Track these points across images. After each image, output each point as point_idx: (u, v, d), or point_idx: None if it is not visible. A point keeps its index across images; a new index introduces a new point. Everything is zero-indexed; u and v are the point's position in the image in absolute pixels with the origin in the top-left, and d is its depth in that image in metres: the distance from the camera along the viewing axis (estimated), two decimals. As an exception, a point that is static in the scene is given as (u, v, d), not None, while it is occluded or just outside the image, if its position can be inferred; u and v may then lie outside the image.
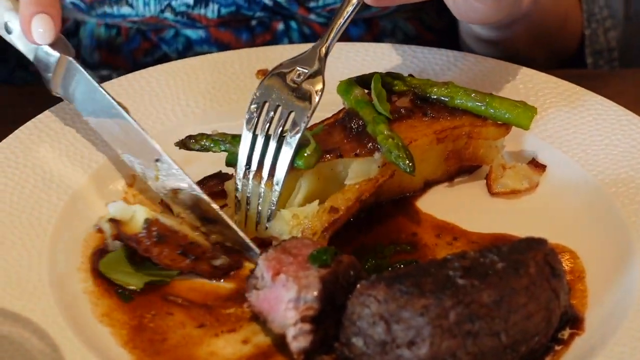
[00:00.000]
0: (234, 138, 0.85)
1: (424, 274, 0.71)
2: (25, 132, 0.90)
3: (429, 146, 0.86)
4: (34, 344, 0.72)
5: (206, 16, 1.19)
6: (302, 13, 1.19)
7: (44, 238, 0.82)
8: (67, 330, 0.73)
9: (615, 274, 0.79)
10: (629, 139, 0.91)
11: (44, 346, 0.72)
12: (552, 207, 0.87)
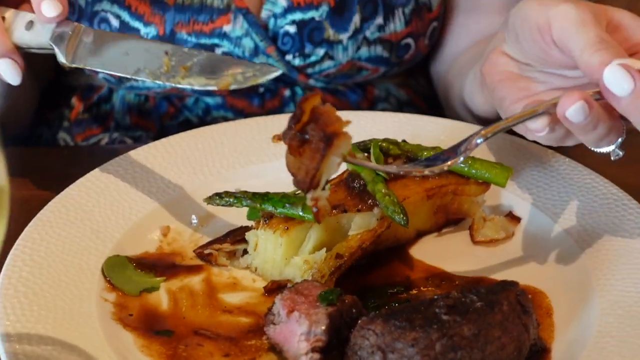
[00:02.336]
0: (254, 195, 0.88)
1: (415, 311, 0.75)
2: (74, 189, 0.93)
3: (420, 202, 0.91)
4: None
5: None
6: (303, 79, 1.21)
7: (92, 280, 0.85)
8: (114, 357, 0.75)
9: (578, 312, 0.82)
10: (592, 195, 0.95)
11: None
12: (525, 254, 0.91)
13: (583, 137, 0.84)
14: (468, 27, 1.26)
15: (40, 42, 0.92)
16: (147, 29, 1.15)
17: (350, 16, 1.19)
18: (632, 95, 0.77)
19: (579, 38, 0.80)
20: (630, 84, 0.77)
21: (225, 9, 1.16)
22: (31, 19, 0.92)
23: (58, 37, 0.92)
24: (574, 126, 0.81)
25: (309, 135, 0.78)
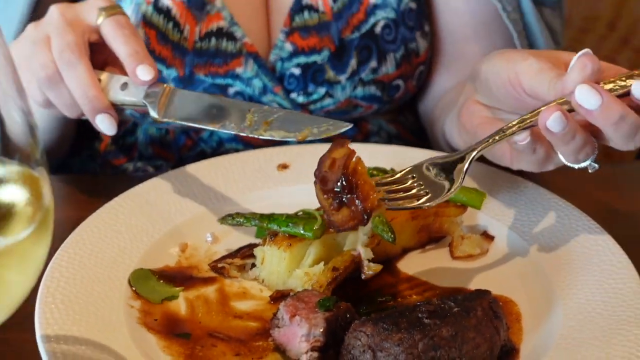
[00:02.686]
0: (261, 216, 0.90)
1: (400, 315, 0.76)
2: (104, 211, 0.95)
3: (405, 222, 0.92)
4: None
5: None
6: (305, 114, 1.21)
7: (120, 289, 0.86)
8: (140, 356, 0.77)
9: (543, 318, 0.83)
10: (555, 215, 0.96)
11: None
12: (497, 268, 0.92)
13: (564, 149, 0.84)
14: (451, 72, 1.27)
15: (134, 100, 0.95)
16: (168, 70, 1.17)
17: (348, 60, 1.20)
18: (603, 108, 0.79)
19: (545, 83, 0.83)
20: (599, 98, 0.78)
21: (237, 53, 1.17)
22: (125, 81, 0.95)
23: (149, 96, 0.94)
24: (555, 137, 0.82)
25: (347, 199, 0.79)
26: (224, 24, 1.17)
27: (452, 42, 1.27)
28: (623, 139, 0.81)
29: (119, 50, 0.95)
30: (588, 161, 0.85)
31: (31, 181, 0.62)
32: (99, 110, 0.93)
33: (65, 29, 0.93)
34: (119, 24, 0.95)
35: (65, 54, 0.91)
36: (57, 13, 0.95)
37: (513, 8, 1.18)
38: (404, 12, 1.21)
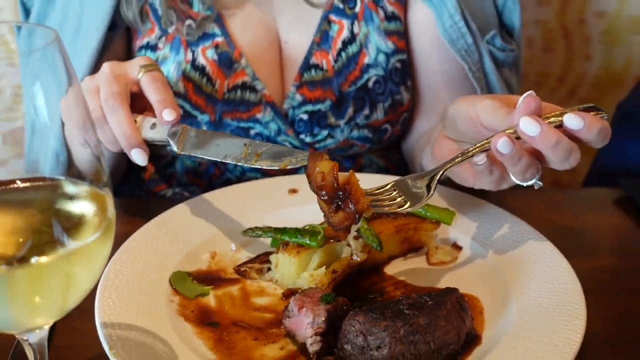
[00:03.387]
0: (275, 229, 0.91)
1: (386, 307, 0.77)
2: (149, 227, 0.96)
3: (391, 235, 0.93)
4: (160, 347, 0.77)
5: None
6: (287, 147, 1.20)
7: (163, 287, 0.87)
8: (178, 340, 0.78)
9: (501, 311, 0.84)
10: (509, 229, 0.97)
11: (165, 348, 0.77)
12: (464, 271, 0.93)
13: (513, 169, 0.83)
14: (428, 118, 1.28)
15: (160, 137, 0.96)
16: (202, 116, 1.17)
17: (346, 109, 1.21)
18: (542, 135, 0.79)
19: (499, 118, 0.84)
20: (538, 127, 0.78)
21: (258, 102, 1.18)
22: (154, 122, 0.96)
23: (172, 134, 0.95)
24: (505, 158, 0.81)
25: (342, 204, 0.79)
26: (248, 79, 1.17)
27: (429, 94, 1.27)
28: (560, 160, 0.81)
29: (151, 98, 0.96)
30: (534, 180, 0.84)
31: (98, 198, 0.62)
32: (133, 146, 0.93)
33: (112, 81, 0.94)
34: (153, 78, 0.96)
35: (110, 101, 0.92)
36: (107, 69, 0.96)
37: (477, 68, 1.19)
38: (391, 71, 1.21)
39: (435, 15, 1.17)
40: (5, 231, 0.60)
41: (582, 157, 0.84)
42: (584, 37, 1.70)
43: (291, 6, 1.19)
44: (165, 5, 1.15)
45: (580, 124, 0.79)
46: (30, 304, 0.60)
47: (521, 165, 0.81)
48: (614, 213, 1.07)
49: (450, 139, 0.94)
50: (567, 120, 0.80)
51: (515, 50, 1.26)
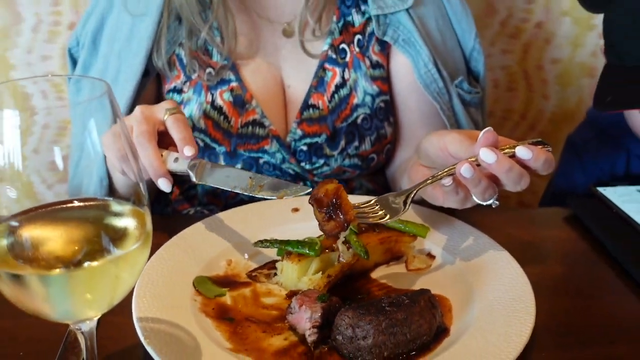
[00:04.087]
0: (281, 241, 0.92)
1: (371, 305, 0.79)
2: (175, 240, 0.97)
3: (376, 246, 0.94)
4: (185, 337, 0.78)
5: None
6: (310, 177, 1.24)
7: (187, 289, 0.88)
8: (201, 332, 0.79)
9: (465, 309, 0.85)
10: (474, 241, 0.98)
11: (190, 338, 0.78)
12: (436, 276, 0.93)
13: (474, 190, 0.84)
14: (407, 149, 1.30)
15: (182, 169, 0.98)
16: (220, 147, 1.19)
17: (339, 141, 1.23)
18: (497, 162, 0.81)
19: (463, 148, 0.86)
20: (494, 156, 0.81)
21: (265, 136, 1.18)
22: (177, 156, 0.98)
23: (191, 167, 0.97)
24: (467, 180, 0.82)
25: (334, 214, 0.81)
26: (257, 117, 1.18)
27: (407, 129, 1.29)
28: (512, 183, 0.83)
29: (174, 136, 0.96)
30: (492, 200, 0.85)
31: (139, 215, 0.64)
32: (160, 176, 0.94)
33: (142, 122, 0.95)
34: (176, 119, 0.96)
35: (140, 138, 0.93)
36: (139, 111, 0.98)
37: (447, 108, 1.21)
38: (376, 110, 1.22)
39: (412, 63, 1.18)
40: (64, 240, 0.61)
41: (539, 181, 0.85)
42: (541, 80, 1.73)
43: (293, 57, 1.21)
44: (189, 56, 1.17)
45: (529, 154, 0.82)
46: (83, 299, 0.61)
47: (481, 187, 0.83)
48: (563, 228, 1.08)
49: (424, 166, 0.95)
50: (518, 151, 0.83)
51: (480, 92, 1.28)
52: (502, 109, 1.76)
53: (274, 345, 0.79)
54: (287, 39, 1.20)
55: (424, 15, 1.19)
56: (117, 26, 1.17)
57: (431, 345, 0.78)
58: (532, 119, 1.77)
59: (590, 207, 1.11)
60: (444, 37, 1.21)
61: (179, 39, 1.16)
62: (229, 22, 1.14)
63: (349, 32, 1.20)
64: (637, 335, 0.82)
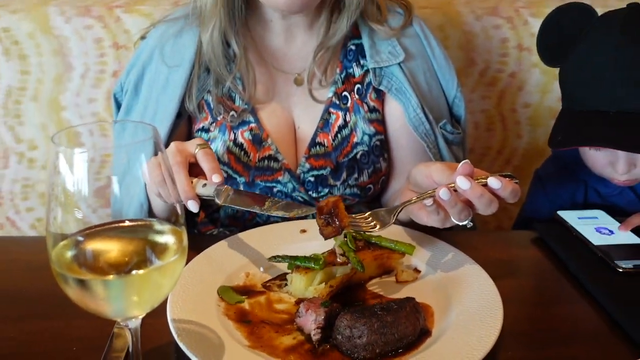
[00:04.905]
0: (290, 257, 0.95)
1: (365, 310, 0.81)
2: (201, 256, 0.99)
3: (370, 261, 0.96)
4: (211, 336, 0.81)
5: None
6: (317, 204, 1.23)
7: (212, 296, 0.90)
8: (224, 332, 0.82)
9: (445, 314, 0.87)
10: (451, 258, 0.99)
11: (215, 337, 0.81)
12: (421, 287, 0.95)
13: (451, 211, 0.86)
14: (399, 180, 1.32)
15: (208, 194, 0.99)
16: (240, 178, 1.23)
17: (341, 174, 1.26)
18: (471, 189, 0.83)
19: (445, 176, 0.90)
20: (468, 184, 0.83)
21: (279, 169, 1.21)
22: (205, 183, 0.99)
23: (217, 192, 0.99)
24: (445, 202, 0.85)
25: (331, 221, 0.85)
26: (272, 152, 1.21)
27: (400, 163, 1.30)
28: (484, 207, 0.85)
29: (204, 166, 0.97)
30: (467, 221, 0.88)
31: (177, 233, 0.67)
32: (189, 198, 0.93)
33: (176, 154, 0.96)
34: (206, 153, 0.98)
35: (175, 167, 0.94)
36: (173, 146, 0.99)
37: (433, 146, 1.23)
38: (373, 147, 1.24)
39: (403, 109, 1.21)
40: (117, 252, 0.65)
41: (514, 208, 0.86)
42: (515, 121, 1.73)
43: (303, 102, 1.24)
44: (216, 101, 1.20)
45: (499, 184, 0.85)
46: (131, 301, 0.64)
47: (457, 209, 0.86)
48: (530, 248, 1.10)
49: (412, 190, 0.98)
50: (490, 181, 0.86)
51: (462, 133, 1.32)
52: (482, 146, 1.77)
53: (285, 343, 0.81)
54: (297, 87, 1.24)
55: (413, 68, 1.23)
56: (155, 75, 1.21)
57: (415, 344, 0.80)
58: (507, 155, 1.77)
59: (553, 230, 1.14)
60: (430, 86, 1.24)
61: (207, 86, 1.20)
62: (249, 73, 1.19)
63: (350, 82, 1.24)
64: (590, 337, 0.84)
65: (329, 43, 1.19)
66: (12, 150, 1.57)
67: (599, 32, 1.08)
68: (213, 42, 1.14)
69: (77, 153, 0.60)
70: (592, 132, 1.03)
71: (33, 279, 0.95)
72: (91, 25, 1.58)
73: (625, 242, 1.03)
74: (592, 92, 1.05)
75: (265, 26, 1.21)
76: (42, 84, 1.62)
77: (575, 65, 1.11)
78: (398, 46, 1.20)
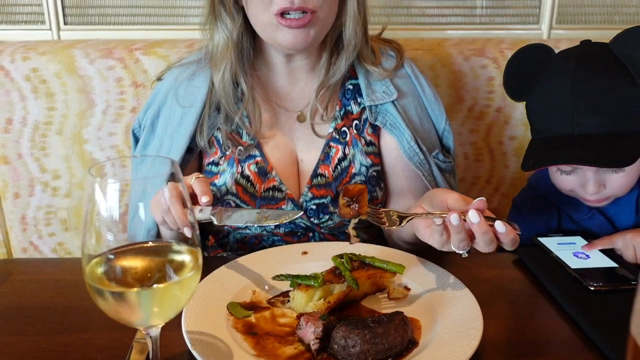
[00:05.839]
0: (293, 276, 0.99)
1: (358, 322, 0.84)
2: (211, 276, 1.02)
3: (365, 280, 0.99)
4: (222, 345, 0.84)
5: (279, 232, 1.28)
6: (318, 229, 1.29)
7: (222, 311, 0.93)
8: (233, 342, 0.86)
9: (430, 326, 0.90)
10: (439, 277, 1.02)
11: (225, 347, 0.84)
12: (410, 302, 0.97)
13: (454, 236, 0.88)
14: (399, 203, 1.34)
15: (205, 217, 1.00)
16: (247, 207, 1.27)
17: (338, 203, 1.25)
18: (479, 224, 0.85)
19: (459, 205, 0.90)
20: (478, 218, 0.85)
21: (283, 198, 1.24)
22: (201, 208, 1.00)
23: (213, 214, 1.00)
24: (452, 227, 0.86)
25: (352, 204, 0.88)
26: (276, 183, 1.24)
27: (396, 191, 1.32)
28: (483, 244, 0.88)
29: (196, 191, 0.98)
30: (464, 251, 0.91)
31: (193, 252, 0.72)
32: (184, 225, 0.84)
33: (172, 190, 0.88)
34: (199, 180, 0.99)
35: (170, 201, 0.90)
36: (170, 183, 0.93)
37: (428, 174, 1.26)
38: (370, 177, 1.27)
39: (398, 141, 1.25)
40: (141, 268, 0.70)
41: None
42: (502, 152, 1.76)
43: (305, 137, 1.28)
44: (224, 137, 1.24)
45: (504, 229, 0.87)
46: (152, 311, 0.69)
47: (460, 236, 0.88)
48: (511, 268, 1.14)
49: (424, 208, 0.99)
50: (497, 224, 0.87)
51: (452, 162, 1.33)
52: (471, 176, 1.80)
53: (287, 352, 0.84)
54: (300, 123, 1.29)
55: (406, 105, 1.27)
56: (170, 115, 1.26)
57: (404, 354, 0.83)
58: (495, 184, 1.80)
59: (533, 253, 1.19)
60: (422, 121, 1.29)
61: (217, 124, 1.24)
62: (256, 111, 1.24)
63: (349, 118, 1.28)
64: (562, 348, 0.88)
65: (329, 82, 1.24)
66: (38, 179, 1.64)
67: (557, 66, 1.16)
68: (224, 82, 1.19)
69: (109, 184, 0.66)
70: (558, 153, 1.10)
71: (61, 296, 1.01)
72: (113, 66, 1.67)
73: (600, 266, 1.06)
74: (555, 120, 1.13)
75: (270, 68, 1.26)
76: (67, 119, 1.71)
77: (539, 97, 1.18)
78: (391, 86, 1.25)
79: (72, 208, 1.64)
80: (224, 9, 1.16)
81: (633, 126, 1.08)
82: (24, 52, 1.53)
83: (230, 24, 1.17)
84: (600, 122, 1.08)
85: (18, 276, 1.07)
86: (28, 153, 1.59)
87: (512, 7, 1.90)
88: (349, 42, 1.17)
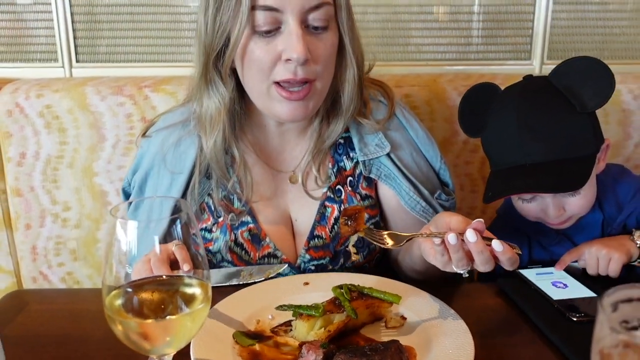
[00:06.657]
0: (295, 306, 1.02)
1: (357, 350, 0.88)
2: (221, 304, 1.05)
3: (363, 309, 1.02)
4: None
5: None
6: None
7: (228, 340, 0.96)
8: None
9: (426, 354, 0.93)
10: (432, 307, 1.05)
11: None
12: (407, 331, 1.00)
13: (453, 255, 0.89)
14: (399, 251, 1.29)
15: None
16: None
17: (338, 260, 1.26)
18: (475, 243, 0.87)
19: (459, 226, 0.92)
20: (476, 237, 0.87)
21: (279, 263, 1.23)
22: None
23: None
24: (450, 246, 0.87)
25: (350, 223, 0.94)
26: (271, 250, 1.22)
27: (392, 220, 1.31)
28: (481, 263, 0.89)
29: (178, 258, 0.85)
30: (464, 270, 0.92)
31: (203, 286, 0.76)
32: None
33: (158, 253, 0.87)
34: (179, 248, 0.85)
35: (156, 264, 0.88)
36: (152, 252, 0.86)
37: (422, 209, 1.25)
38: None
39: (396, 193, 1.23)
40: (154, 300, 0.74)
41: None
42: None
43: (298, 199, 1.26)
44: (216, 204, 1.21)
45: (500, 248, 0.88)
46: (165, 340, 0.73)
47: (458, 255, 0.90)
48: (495, 297, 1.17)
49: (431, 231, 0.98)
50: (494, 243, 0.89)
51: (454, 198, 1.33)
52: (467, 206, 1.84)
53: None
54: (293, 184, 1.26)
55: (401, 155, 1.24)
56: (158, 180, 1.22)
57: None
58: (490, 214, 1.76)
59: (514, 284, 1.23)
60: (419, 165, 1.27)
61: (208, 190, 1.21)
62: (247, 177, 1.20)
63: (343, 175, 1.25)
64: None
65: (323, 146, 1.21)
66: (49, 211, 1.69)
67: (503, 102, 1.23)
68: (216, 149, 1.14)
69: (130, 222, 0.73)
70: (514, 183, 1.15)
71: (75, 325, 1.04)
72: (123, 103, 1.74)
73: (580, 296, 1.10)
74: (507, 152, 1.19)
75: (261, 130, 1.23)
76: (78, 152, 1.78)
77: (490, 132, 1.25)
78: (384, 138, 1.23)
79: (81, 238, 1.67)
80: (218, 76, 1.11)
81: (579, 151, 1.14)
82: (38, 90, 1.58)
83: (224, 90, 1.11)
84: (547, 150, 1.14)
85: (33, 306, 1.10)
86: (40, 185, 1.64)
87: (505, 44, 1.97)
88: (347, 108, 1.16)
